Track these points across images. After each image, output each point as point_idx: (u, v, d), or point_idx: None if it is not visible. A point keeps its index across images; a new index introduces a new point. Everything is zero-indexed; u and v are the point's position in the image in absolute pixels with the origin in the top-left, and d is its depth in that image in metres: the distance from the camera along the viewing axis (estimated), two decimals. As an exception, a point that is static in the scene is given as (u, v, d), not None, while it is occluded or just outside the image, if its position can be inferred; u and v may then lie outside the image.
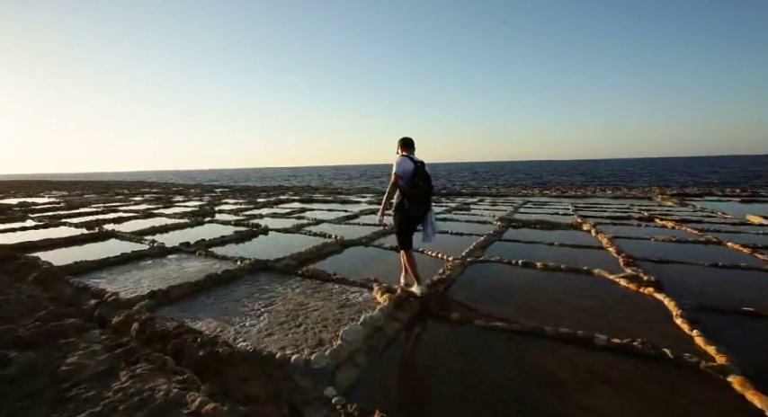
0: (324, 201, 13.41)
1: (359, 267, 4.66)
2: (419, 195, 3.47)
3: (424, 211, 3.59)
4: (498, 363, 2.43)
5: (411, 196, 3.44)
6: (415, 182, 3.44)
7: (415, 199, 3.47)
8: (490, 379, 2.25)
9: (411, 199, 3.45)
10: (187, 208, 11.04)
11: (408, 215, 3.53)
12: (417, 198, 3.48)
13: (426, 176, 3.53)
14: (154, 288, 3.77)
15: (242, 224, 7.73)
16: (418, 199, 3.49)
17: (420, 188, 3.45)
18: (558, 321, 2.98)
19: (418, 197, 3.48)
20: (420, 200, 3.52)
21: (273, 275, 4.23)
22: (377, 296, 3.43)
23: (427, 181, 3.53)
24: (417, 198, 3.48)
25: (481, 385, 2.19)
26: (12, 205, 12.57)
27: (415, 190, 3.44)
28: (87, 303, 3.45)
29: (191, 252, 5.22)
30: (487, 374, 2.30)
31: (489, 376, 2.28)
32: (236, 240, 6.29)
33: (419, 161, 3.58)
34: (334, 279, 3.92)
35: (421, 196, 3.49)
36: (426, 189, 3.50)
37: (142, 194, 18.44)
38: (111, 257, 4.83)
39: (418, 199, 3.50)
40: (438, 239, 6.51)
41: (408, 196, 3.45)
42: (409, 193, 3.43)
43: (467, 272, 4.35)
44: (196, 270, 4.37)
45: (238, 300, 3.45)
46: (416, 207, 3.50)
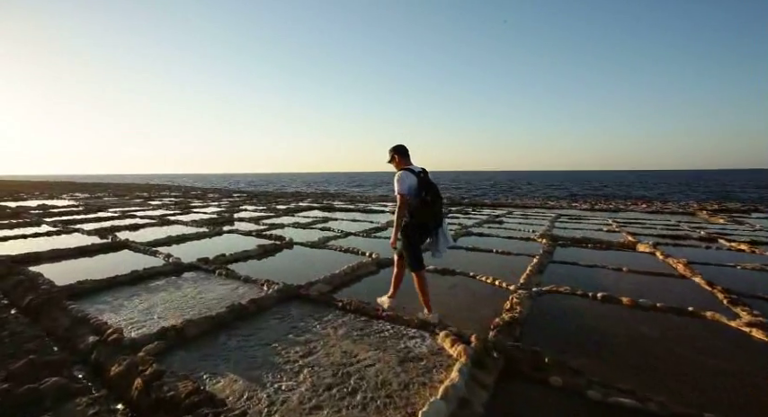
0: (345, 210, 12.68)
1: (404, 295, 3.87)
2: (429, 211, 3.04)
3: (436, 227, 3.16)
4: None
5: (421, 213, 3.02)
6: (424, 198, 3.00)
7: (425, 215, 3.04)
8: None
9: (421, 216, 3.03)
10: (205, 215, 10.43)
11: (417, 233, 3.12)
12: (428, 213, 3.04)
13: (434, 187, 3.09)
14: (165, 321, 3.05)
15: (264, 235, 7.03)
16: (429, 214, 3.05)
17: (430, 203, 3.00)
18: (702, 396, 2.14)
19: (429, 212, 3.04)
20: (432, 216, 3.08)
21: (307, 306, 3.46)
22: (444, 344, 2.63)
23: (436, 193, 3.08)
24: (428, 213, 3.04)
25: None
26: (31, 207, 12.19)
27: (425, 207, 3.00)
28: (84, 340, 2.74)
29: (209, 271, 4.50)
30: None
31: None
32: (259, 255, 5.57)
33: (421, 170, 3.14)
34: (384, 316, 3.14)
35: (432, 211, 3.05)
36: (436, 201, 3.06)
37: (161, 198, 18.04)
38: (120, 275, 4.14)
39: (429, 214, 3.06)
40: (484, 259, 5.78)
41: (418, 214, 3.02)
42: (418, 211, 3.01)
43: (538, 307, 3.52)
44: (216, 297, 3.64)
45: (268, 344, 2.69)
46: (427, 224, 3.10)
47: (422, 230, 3.14)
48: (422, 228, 3.11)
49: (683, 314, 3.37)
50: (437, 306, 3.56)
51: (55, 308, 3.28)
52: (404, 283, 3.51)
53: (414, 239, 3.13)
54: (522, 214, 12.24)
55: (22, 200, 15.60)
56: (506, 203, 16.86)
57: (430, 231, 3.17)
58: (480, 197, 26.25)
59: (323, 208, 13.27)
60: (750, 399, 2.15)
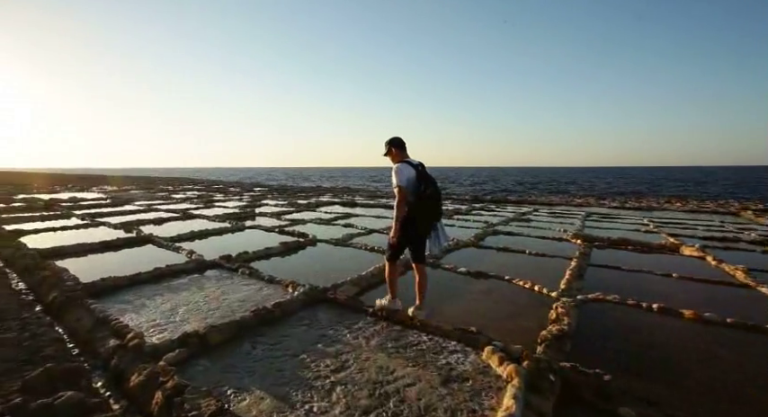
0: (367, 205, 12.44)
1: (437, 300, 3.59)
2: (428, 205, 2.89)
3: (434, 222, 3.01)
4: None
5: (419, 207, 2.87)
6: (422, 191, 2.86)
7: (423, 210, 2.89)
8: None
9: (419, 210, 2.88)
10: (228, 210, 10.39)
11: (415, 229, 2.95)
12: (426, 208, 2.90)
13: (432, 180, 2.94)
14: (188, 324, 2.87)
15: (286, 232, 6.85)
16: (428, 209, 2.91)
17: (428, 196, 2.86)
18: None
19: (427, 207, 2.89)
20: (430, 211, 2.93)
21: (335, 311, 3.23)
22: (490, 362, 2.34)
23: (434, 186, 2.94)
24: (426, 208, 2.90)
25: None
26: (62, 200, 12.49)
27: (422, 201, 2.86)
28: (105, 344, 2.59)
29: (232, 270, 4.33)
30: None
31: None
32: (282, 253, 5.38)
33: (418, 163, 3.00)
34: (419, 325, 2.86)
35: (430, 206, 2.90)
36: (435, 196, 2.91)
37: (184, 191, 18.28)
38: (143, 273, 4.02)
39: (428, 210, 2.91)
40: (517, 261, 5.33)
41: (416, 208, 2.87)
42: (416, 205, 2.86)
43: (586, 318, 3.18)
44: (239, 299, 3.45)
45: (296, 355, 2.46)
46: (426, 219, 2.95)
47: (416, 225, 2.95)
48: (416, 223, 2.93)
49: (758, 331, 2.96)
50: (473, 313, 3.28)
51: (77, 307, 3.16)
52: (469, 292, 3.23)
53: (404, 232, 2.95)
54: (550, 212, 11.71)
55: (55, 193, 16.08)
56: (530, 200, 16.28)
57: (426, 226, 2.99)
58: (502, 193, 25.54)
59: (344, 203, 13.08)
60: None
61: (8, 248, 5.13)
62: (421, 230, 2.98)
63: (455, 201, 15.29)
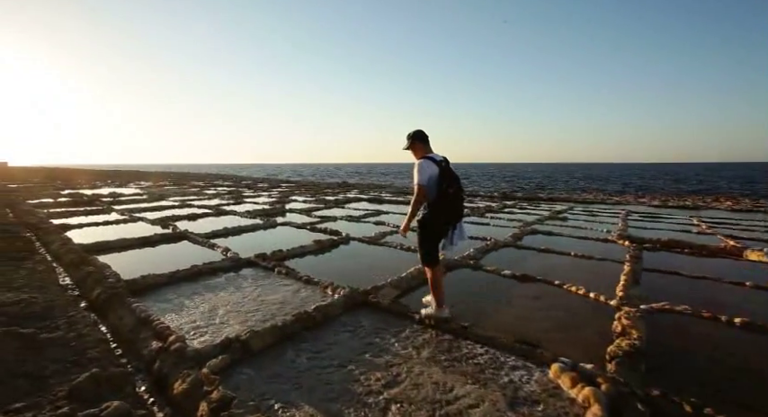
0: (395, 202, 12.24)
1: (482, 306, 3.34)
2: (451, 205, 2.74)
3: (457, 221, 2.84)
4: None
5: (441, 206, 2.73)
6: (444, 189, 2.70)
7: (445, 209, 2.74)
8: None
9: (441, 209, 2.73)
10: (258, 206, 10.45)
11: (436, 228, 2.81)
12: (448, 207, 2.75)
13: (456, 178, 2.80)
14: (229, 327, 2.77)
15: (318, 229, 6.75)
16: (450, 208, 2.76)
17: (450, 195, 2.71)
18: None
19: (449, 206, 2.75)
20: (452, 210, 2.78)
21: (378, 316, 3.04)
22: (561, 382, 2.09)
23: (458, 184, 2.80)
24: (448, 207, 2.75)
25: None
26: (103, 195, 12.97)
27: (445, 200, 2.71)
28: (147, 345, 2.52)
29: (268, 269, 4.24)
30: None
31: None
32: (316, 251, 5.26)
33: (442, 159, 2.83)
34: (472, 335, 2.63)
35: (453, 205, 2.75)
36: (458, 195, 2.77)
37: (215, 187, 18.68)
38: (181, 270, 3.98)
39: (450, 209, 2.76)
40: (563, 263, 4.89)
41: (438, 207, 2.73)
42: (440, 204, 2.72)
43: (655, 331, 2.84)
44: (278, 300, 3.32)
45: (343, 366, 2.29)
46: (448, 218, 2.79)
47: (440, 224, 2.82)
48: (440, 223, 2.80)
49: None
50: (524, 321, 3.02)
51: (120, 305, 3.12)
52: (517, 297, 2.98)
53: (430, 233, 2.84)
54: (586, 210, 11.10)
55: (96, 188, 16.79)
56: (564, 198, 15.57)
57: (449, 225, 2.84)
58: (531, 190, 24.71)
59: (371, 199, 12.93)
60: None
61: (55, 242, 5.26)
62: (441, 229, 2.84)
63: (484, 198, 14.84)
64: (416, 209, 2.78)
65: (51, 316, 2.78)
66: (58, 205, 10.11)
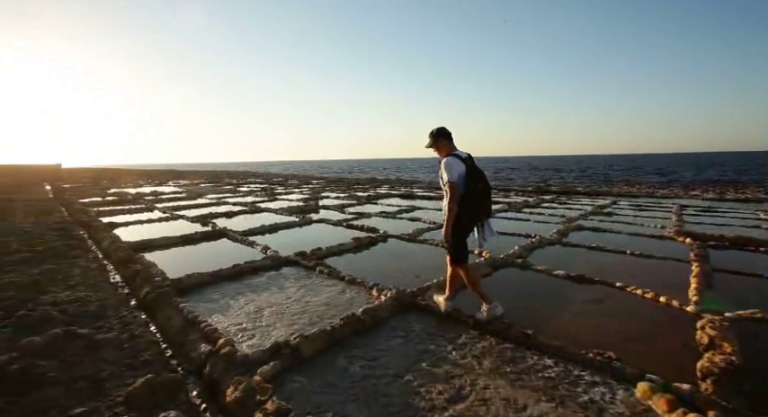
0: (427, 197, 11.98)
1: (541, 310, 3.08)
2: (479, 202, 2.71)
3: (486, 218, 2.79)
4: None
5: (469, 204, 2.68)
6: (473, 187, 2.67)
7: (473, 207, 2.70)
8: None
9: (470, 206, 2.69)
10: (292, 203, 10.52)
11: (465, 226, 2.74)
12: (476, 205, 2.71)
13: (482, 175, 2.76)
14: (276, 331, 2.68)
15: (354, 226, 6.64)
16: (478, 206, 2.72)
17: (479, 192, 2.69)
18: None
19: (478, 203, 2.71)
20: (481, 207, 2.74)
21: (429, 320, 2.86)
22: (654, 404, 1.82)
23: (485, 181, 2.75)
24: (476, 205, 2.71)
25: None
26: (146, 194, 13.54)
27: (473, 197, 2.67)
28: (196, 348, 2.46)
29: (309, 268, 4.15)
30: None
31: None
32: (354, 249, 5.14)
33: (467, 156, 2.79)
34: (536, 343, 2.39)
35: (481, 203, 2.72)
36: (486, 192, 2.74)
37: (248, 184, 19.11)
38: (224, 269, 3.97)
39: (479, 206, 2.72)
40: (619, 262, 4.47)
41: (468, 205, 2.67)
42: (469, 203, 2.67)
43: (750, 344, 2.49)
44: (323, 302, 3.21)
45: (400, 376, 2.13)
46: (477, 215, 2.75)
47: (469, 222, 2.77)
48: (469, 220, 2.75)
49: None
50: (588, 329, 2.74)
51: (167, 305, 3.12)
52: (572, 301, 2.73)
53: (460, 231, 2.76)
54: (632, 204, 10.40)
55: (139, 187, 17.59)
56: (604, 191, 14.72)
57: (478, 222, 2.80)
58: (563, 182, 23.60)
59: (403, 195, 12.73)
60: None
61: (105, 240, 5.44)
62: (469, 227, 2.78)
63: (518, 192, 14.29)
64: (454, 209, 2.67)
65: (105, 316, 2.80)
66: (105, 203, 10.61)
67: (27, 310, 2.76)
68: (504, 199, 11.26)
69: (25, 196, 11.65)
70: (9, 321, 2.60)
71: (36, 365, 2.05)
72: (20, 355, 2.15)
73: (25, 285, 3.30)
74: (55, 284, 3.43)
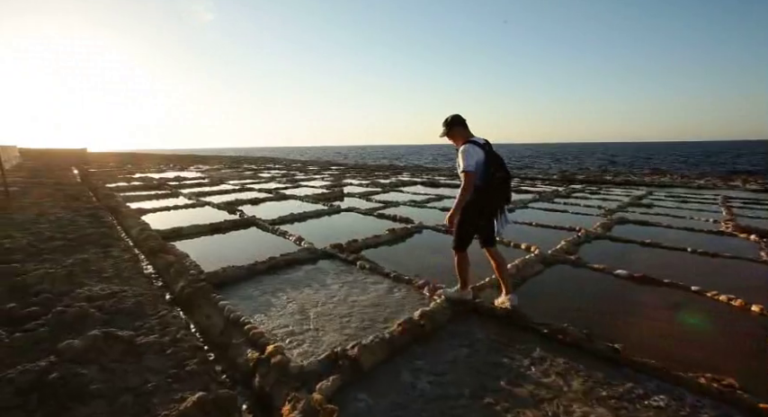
0: (452, 185, 11.56)
1: (611, 317, 2.74)
2: (499, 189, 2.62)
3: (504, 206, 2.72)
4: None
5: (489, 192, 2.59)
6: (492, 174, 2.56)
7: (493, 194, 2.62)
8: None
9: (489, 195, 2.61)
10: (315, 190, 10.26)
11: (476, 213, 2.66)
12: (497, 193, 2.63)
13: (501, 161, 2.64)
14: (327, 336, 2.42)
15: (387, 217, 6.32)
16: (498, 194, 2.64)
17: (498, 179, 2.58)
18: None
19: (498, 192, 2.62)
20: (500, 195, 2.66)
21: (492, 326, 2.56)
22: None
23: (504, 168, 2.63)
24: (497, 193, 2.63)
25: None
26: (169, 179, 13.51)
27: (492, 185, 2.58)
28: (242, 353, 2.24)
29: (349, 262, 3.88)
30: None
31: None
32: (390, 241, 4.85)
33: (484, 141, 2.68)
34: (628, 360, 2.06)
35: (501, 190, 2.63)
36: (506, 179, 2.63)
37: (268, 170, 18.97)
38: (259, 263, 3.74)
39: (498, 195, 2.64)
40: (684, 262, 4.04)
41: (485, 193, 2.59)
42: (486, 190, 2.58)
43: None
44: (372, 302, 2.94)
45: (478, 396, 1.84)
46: (496, 203, 2.67)
47: (485, 211, 2.67)
48: (486, 209, 2.66)
49: None
50: (678, 340, 2.39)
51: (205, 301, 2.90)
52: (630, 302, 2.38)
53: (469, 218, 2.67)
54: (671, 195, 9.77)
55: (162, 172, 17.65)
56: (635, 181, 13.98)
57: (495, 211, 2.69)
58: (586, 171, 22.66)
59: (426, 183, 12.34)
60: None
61: (135, 228, 5.29)
62: (489, 216, 2.70)
63: (545, 181, 13.70)
64: (465, 198, 2.58)
65: (143, 314, 2.60)
66: (131, 188, 10.58)
67: (63, 306, 2.58)
68: (533, 189, 10.76)
69: (55, 180, 11.74)
70: (46, 318, 2.41)
71: (77, 373, 1.84)
72: (59, 360, 1.95)
73: (60, 277, 3.13)
74: (89, 276, 3.26)
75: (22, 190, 8.71)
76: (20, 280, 2.98)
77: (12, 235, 4.48)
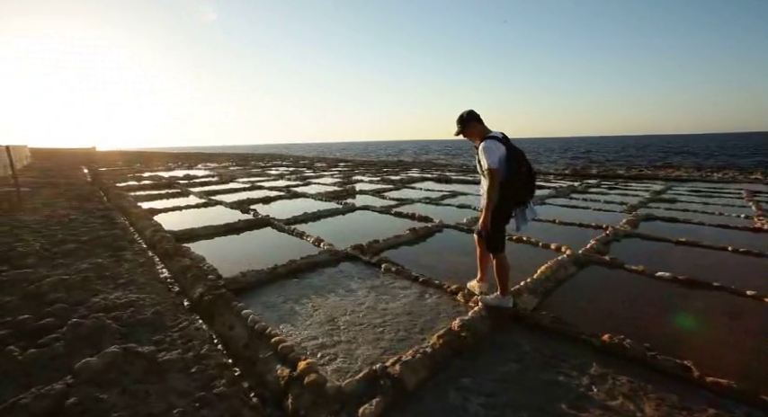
0: (464, 182, 11.31)
1: (664, 327, 2.51)
2: (523, 183, 2.52)
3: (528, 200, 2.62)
4: None
5: (514, 188, 2.50)
6: (516, 169, 2.48)
7: (518, 189, 2.52)
8: None
9: (514, 190, 2.50)
10: (326, 187, 10.07)
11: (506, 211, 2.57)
12: (521, 187, 2.53)
13: (523, 155, 2.54)
14: (358, 347, 2.23)
15: (404, 215, 6.10)
16: (523, 188, 2.54)
17: (523, 174, 2.49)
18: None
19: (522, 186, 2.53)
20: (526, 189, 2.56)
21: (538, 337, 2.34)
22: None
23: (526, 162, 2.54)
24: (521, 187, 2.53)
25: None
26: (178, 177, 13.39)
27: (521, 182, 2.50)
28: (271, 369, 2.06)
29: (372, 264, 3.69)
30: None
31: None
32: (412, 241, 4.64)
33: (502, 135, 2.57)
34: (702, 381, 1.84)
35: (526, 184, 2.54)
36: (530, 173, 2.55)
37: (276, 167, 18.82)
38: (279, 266, 3.55)
39: (523, 189, 2.54)
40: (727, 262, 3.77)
41: (510, 189, 2.49)
42: (514, 186, 2.49)
43: None
44: (404, 310, 2.73)
45: (540, 424, 1.64)
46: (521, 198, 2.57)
47: (511, 206, 2.59)
48: (511, 204, 2.58)
49: None
50: (744, 354, 2.16)
51: (227, 310, 2.72)
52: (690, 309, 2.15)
53: (500, 217, 2.58)
54: (692, 190, 9.42)
55: (170, 170, 17.57)
56: (650, 175, 13.61)
57: (520, 205, 2.62)
58: (593, 164, 22.21)
59: (437, 179, 12.09)
60: None
61: (148, 229, 5.14)
62: (509, 213, 2.61)
63: (557, 176, 13.39)
64: (494, 196, 2.48)
65: (163, 326, 2.42)
66: (142, 188, 10.46)
67: (79, 317, 2.41)
68: (548, 184, 10.47)
69: (66, 180, 11.68)
70: (61, 331, 2.25)
71: (97, 398, 1.66)
72: (76, 382, 1.78)
73: (75, 284, 2.97)
74: (104, 282, 3.10)
75: (34, 191, 8.62)
76: (33, 288, 2.82)
77: (24, 239, 4.35)
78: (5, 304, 2.66)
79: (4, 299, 2.74)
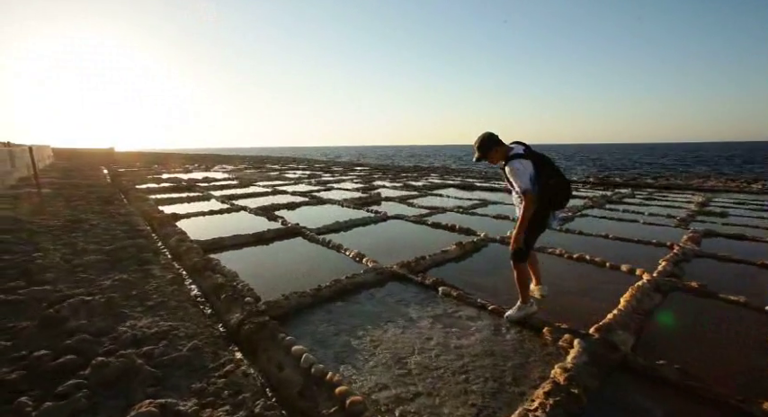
0: (489, 189, 10.80)
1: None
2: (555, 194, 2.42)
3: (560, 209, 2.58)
4: None
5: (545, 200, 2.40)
6: (545, 182, 2.38)
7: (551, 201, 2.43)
8: None
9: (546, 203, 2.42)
10: (349, 193, 9.66)
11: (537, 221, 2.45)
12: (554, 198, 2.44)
13: (552, 164, 2.47)
14: (445, 406, 1.77)
15: (443, 226, 5.60)
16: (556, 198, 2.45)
17: (554, 186, 2.40)
18: None
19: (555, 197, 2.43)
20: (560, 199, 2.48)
21: (664, 396, 1.86)
22: None
23: (557, 172, 2.46)
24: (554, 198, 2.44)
25: None
26: (198, 180, 13.14)
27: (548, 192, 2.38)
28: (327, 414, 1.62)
29: (427, 287, 3.23)
30: None
31: None
32: (459, 257, 4.17)
33: (524, 148, 2.48)
34: None
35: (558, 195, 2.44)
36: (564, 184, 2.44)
37: (293, 170, 18.52)
38: (324, 287, 3.12)
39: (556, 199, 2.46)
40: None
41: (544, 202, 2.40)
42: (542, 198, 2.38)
43: None
44: (485, 352, 2.25)
45: None
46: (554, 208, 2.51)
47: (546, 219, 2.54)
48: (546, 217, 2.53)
49: None
50: None
51: (272, 344, 2.30)
52: None
53: (531, 231, 2.52)
54: (736, 201, 8.77)
55: (188, 172, 17.40)
56: (681, 185, 12.90)
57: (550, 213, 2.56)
58: (614, 173, 21.42)
59: (460, 186, 11.59)
60: None
61: (172, 237, 4.77)
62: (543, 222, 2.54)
63: (585, 185, 12.79)
64: (528, 217, 2.41)
65: (203, 367, 2.01)
66: (162, 190, 10.19)
67: (105, 353, 2.01)
68: (578, 194, 9.91)
69: (87, 181, 11.50)
70: (83, 373, 1.85)
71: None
72: (104, 456, 1.36)
73: (98, 307, 2.58)
74: (131, 305, 2.71)
75: (55, 192, 8.39)
76: (52, 313, 2.43)
77: (44, 247, 4.01)
78: (21, 331, 2.29)
79: (21, 324, 2.36)
